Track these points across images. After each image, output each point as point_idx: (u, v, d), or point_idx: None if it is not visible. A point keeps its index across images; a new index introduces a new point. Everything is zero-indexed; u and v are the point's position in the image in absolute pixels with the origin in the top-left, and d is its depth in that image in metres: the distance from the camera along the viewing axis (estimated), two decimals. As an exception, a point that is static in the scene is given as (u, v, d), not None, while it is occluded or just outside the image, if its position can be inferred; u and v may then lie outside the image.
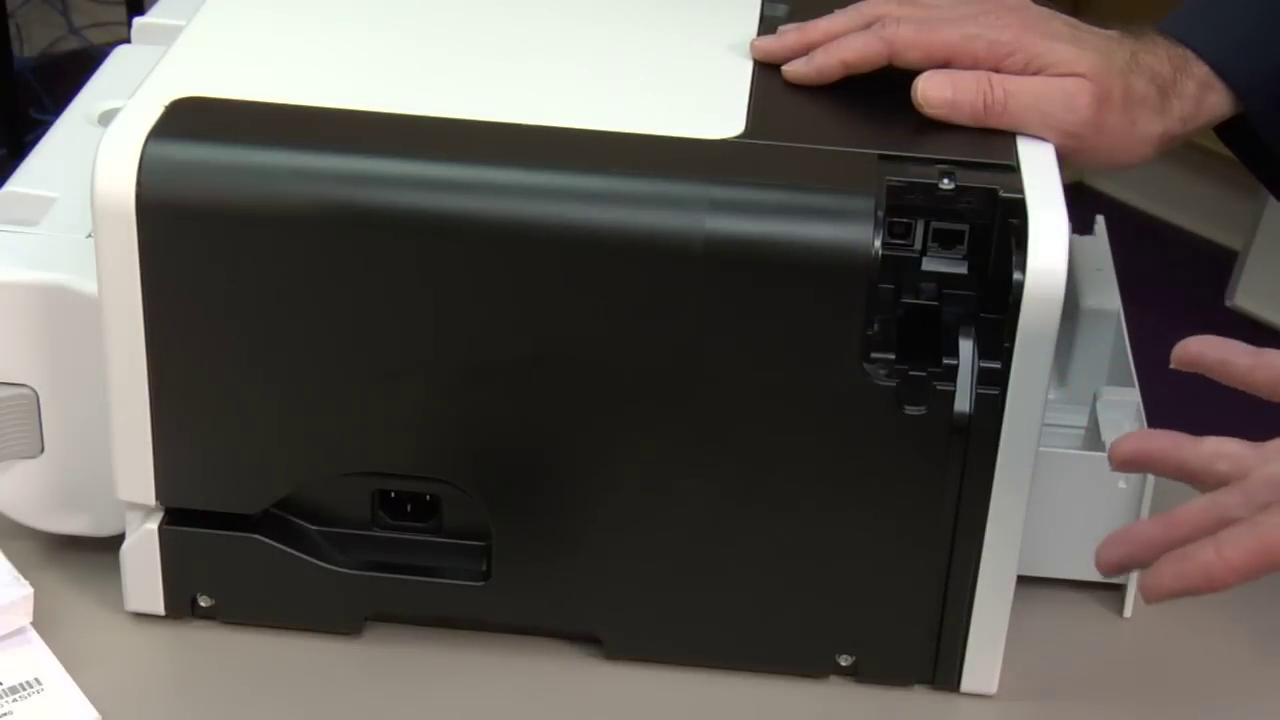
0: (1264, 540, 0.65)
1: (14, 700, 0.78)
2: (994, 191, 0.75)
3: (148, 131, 0.76)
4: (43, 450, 0.83)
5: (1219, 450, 0.69)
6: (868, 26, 0.83)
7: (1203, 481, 0.69)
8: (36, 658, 0.80)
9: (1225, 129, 0.89)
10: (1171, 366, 0.72)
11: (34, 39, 2.71)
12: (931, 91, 0.80)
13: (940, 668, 0.81)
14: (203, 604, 0.83)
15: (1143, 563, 0.69)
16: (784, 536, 0.79)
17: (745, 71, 0.83)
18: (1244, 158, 0.92)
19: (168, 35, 0.86)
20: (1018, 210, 0.75)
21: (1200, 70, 0.85)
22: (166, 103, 0.78)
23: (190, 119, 0.77)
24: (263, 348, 0.77)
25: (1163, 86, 0.84)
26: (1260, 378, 0.70)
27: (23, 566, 0.81)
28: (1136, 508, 0.84)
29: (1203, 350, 0.71)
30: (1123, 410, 0.87)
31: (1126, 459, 0.71)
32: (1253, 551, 0.65)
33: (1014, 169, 0.77)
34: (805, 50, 0.83)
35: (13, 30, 2.49)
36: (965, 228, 0.76)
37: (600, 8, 0.89)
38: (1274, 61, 0.86)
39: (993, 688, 0.82)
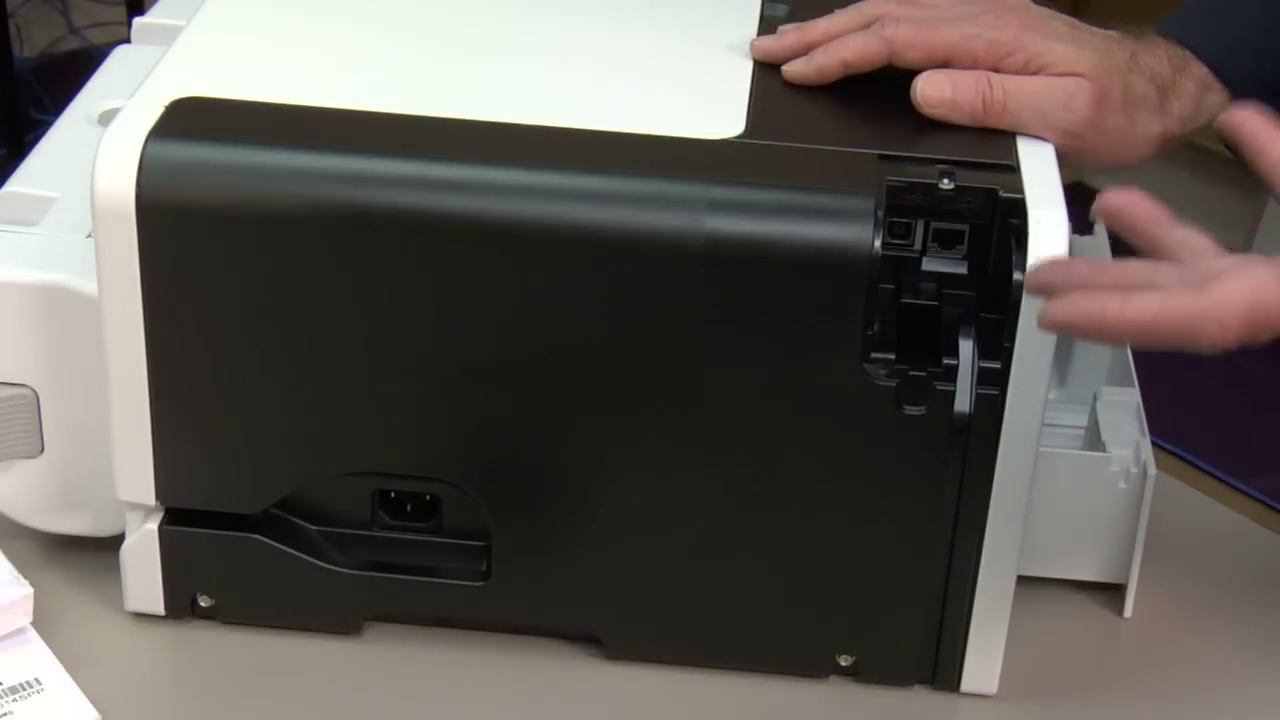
0: (1168, 309, 0.66)
1: (14, 700, 0.78)
2: (994, 191, 0.75)
3: (148, 131, 0.76)
4: (43, 450, 0.83)
5: (1189, 241, 0.71)
6: (867, 26, 0.83)
7: (1160, 258, 0.71)
8: (36, 658, 0.80)
9: (1225, 129, 0.89)
10: (1216, 125, 0.73)
11: (34, 39, 2.71)
12: (931, 91, 0.80)
13: (940, 668, 0.81)
14: (203, 604, 0.83)
15: (1128, 228, 0.71)
16: (784, 536, 0.79)
17: (745, 71, 0.83)
18: (1243, 158, 0.91)
19: (168, 35, 0.86)
20: (1018, 210, 0.75)
21: (1199, 71, 0.85)
22: (166, 103, 0.78)
23: (190, 119, 0.77)
24: (262, 347, 0.77)
25: (1162, 87, 0.84)
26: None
27: (23, 566, 0.81)
28: (1137, 508, 0.84)
29: (1244, 121, 0.72)
30: (1123, 410, 0.87)
31: (1112, 210, 0.72)
32: (1153, 314, 0.67)
33: (1014, 169, 0.77)
34: (805, 50, 0.83)
35: (13, 30, 2.49)
36: (965, 228, 0.76)
37: (600, 8, 0.89)
38: (1272, 63, 0.86)
39: (993, 688, 0.82)
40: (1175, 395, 0.92)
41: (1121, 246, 0.96)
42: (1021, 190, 0.75)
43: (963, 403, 0.75)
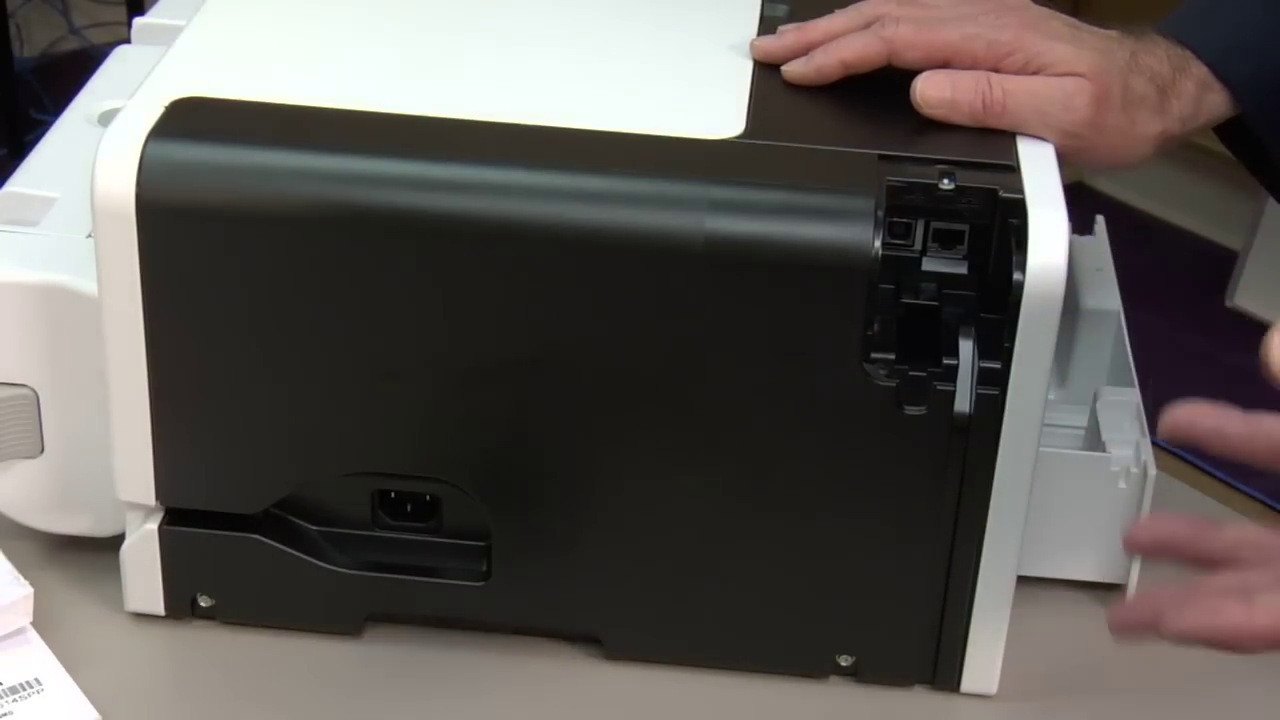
0: None
1: (14, 700, 0.78)
2: (994, 191, 0.75)
3: (148, 131, 0.76)
4: (43, 450, 0.83)
5: (1242, 538, 0.68)
6: (867, 26, 0.83)
7: (1224, 569, 0.67)
8: (36, 658, 0.80)
9: (1224, 129, 0.89)
10: (1159, 439, 0.70)
11: (34, 39, 2.71)
12: (930, 91, 0.80)
13: (940, 668, 0.81)
14: (203, 604, 0.83)
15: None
16: (784, 536, 0.79)
17: (745, 71, 0.83)
18: (1243, 158, 0.92)
19: (168, 35, 0.86)
20: (1018, 210, 0.75)
21: (1199, 71, 0.85)
22: (166, 103, 0.78)
23: (190, 119, 0.77)
24: (262, 347, 0.77)
25: (1162, 86, 0.84)
26: (1259, 447, 0.67)
27: (23, 566, 0.81)
28: (1137, 508, 0.84)
29: (1193, 419, 0.68)
30: (1123, 410, 0.87)
31: (1145, 547, 0.70)
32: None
33: (1014, 169, 0.77)
34: (805, 50, 0.83)
35: (13, 30, 2.49)
36: (965, 228, 0.76)
37: (600, 7, 0.89)
38: (1272, 63, 0.86)
39: (993, 688, 0.82)
40: (1175, 395, 0.92)
41: (1121, 246, 0.96)
42: (1021, 190, 0.75)
43: (963, 403, 0.75)
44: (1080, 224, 0.83)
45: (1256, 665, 0.84)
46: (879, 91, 0.82)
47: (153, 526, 0.81)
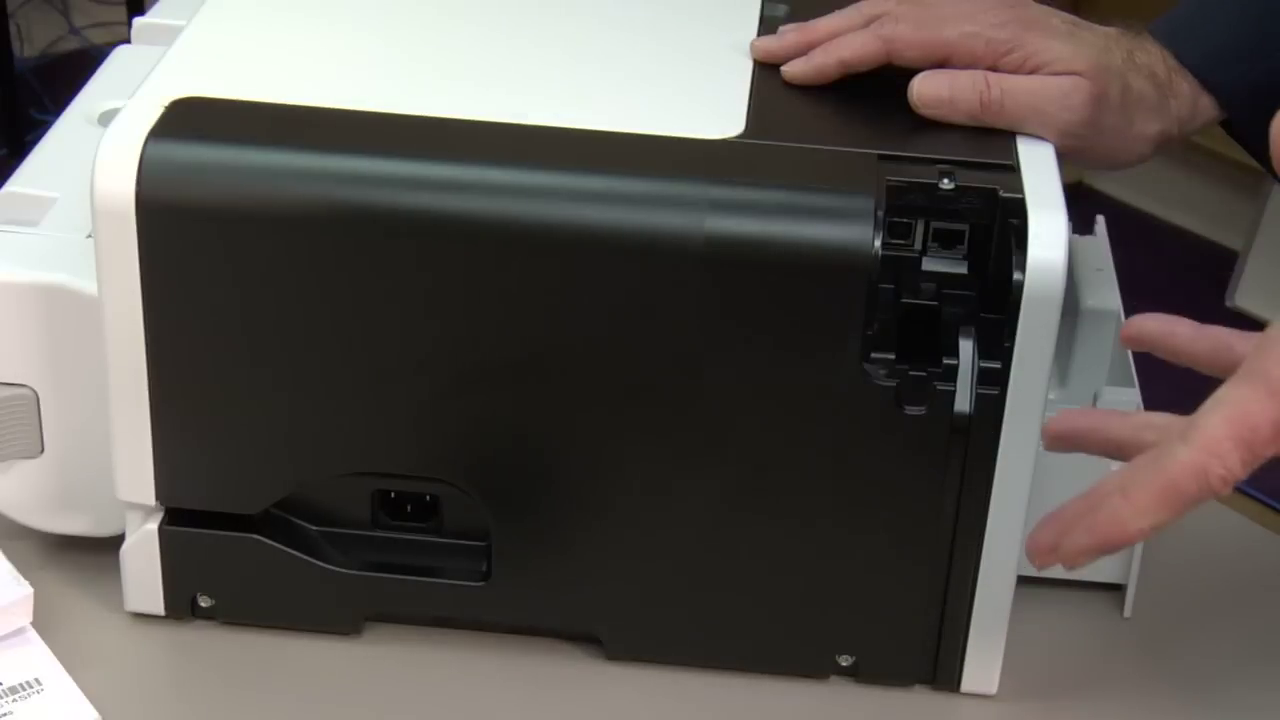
0: (1167, 476, 0.64)
1: (14, 700, 0.78)
2: (994, 191, 0.75)
3: (148, 131, 0.76)
4: (43, 450, 0.83)
5: (1147, 421, 0.70)
6: (868, 25, 0.83)
7: (1133, 454, 0.68)
8: (36, 658, 0.80)
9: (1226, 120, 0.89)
10: (1121, 342, 0.76)
11: (34, 39, 2.71)
12: (928, 91, 0.80)
13: (940, 668, 0.81)
14: (203, 604, 0.83)
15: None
16: (784, 536, 0.79)
17: (745, 71, 0.83)
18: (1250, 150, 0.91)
19: (168, 35, 0.86)
20: (1018, 210, 0.75)
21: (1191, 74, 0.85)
22: (166, 103, 0.78)
23: (190, 119, 0.77)
24: (262, 347, 0.77)
25: (1160, 86, 0.84)
26: (1200, 349, 0.73)
27: (23, 566, 0.81)
28: (1136, 507, 0.84)
29: (1144, 325, 0.75)
30: (1123, 410, 0.87)
31: (1056, 436, 0.74)
32: (1159, 490, 0.64)
33: (1014, 169, 0.77)
34: (805, 50, 0.83)
35: (13, 30, 2.49)
36: (965, 228, 0.76)
37: (600, 8, 0.89)
38: (1255, 70, 0.86)
39: (993, 688, 0.82)
40: (1175, 395, 0.92)
41: (1121, 246, 0.96)
42: (1021, 190, 0.75)
43: (963, 403, 0.75)
44: (1080, 224, 0.83)
45: (1256, 666, 0.85)
46: (879, 91, 0.82)
47: (153, 526, 0.81)
